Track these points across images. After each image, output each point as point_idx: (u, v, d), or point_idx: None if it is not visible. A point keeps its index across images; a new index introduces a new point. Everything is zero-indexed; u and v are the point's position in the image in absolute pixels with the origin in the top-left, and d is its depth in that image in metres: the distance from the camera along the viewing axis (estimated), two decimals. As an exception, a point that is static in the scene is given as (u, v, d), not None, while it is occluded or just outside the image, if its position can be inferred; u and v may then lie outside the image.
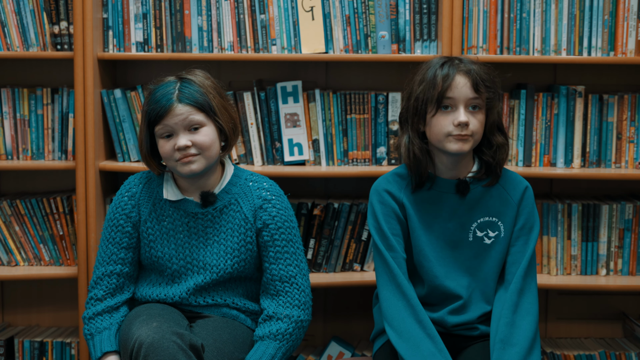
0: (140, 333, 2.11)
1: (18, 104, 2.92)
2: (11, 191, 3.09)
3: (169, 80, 2.31)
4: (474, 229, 2.32)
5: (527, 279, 2.27)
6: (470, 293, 2.31)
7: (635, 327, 2.98)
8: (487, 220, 2.32)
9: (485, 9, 2.82)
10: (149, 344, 2.07)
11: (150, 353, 2.06)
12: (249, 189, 2.38)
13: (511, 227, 2.33)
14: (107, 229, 2.40)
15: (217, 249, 2.35)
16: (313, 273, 2.90)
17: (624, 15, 2.82)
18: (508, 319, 2.21)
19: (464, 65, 2.25)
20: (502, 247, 2.33)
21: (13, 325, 3.14)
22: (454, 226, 2.32)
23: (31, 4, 2.85)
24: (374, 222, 2.32)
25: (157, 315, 2.21)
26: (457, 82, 2.23)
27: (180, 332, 2.11)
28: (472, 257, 2.32)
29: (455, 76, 2.23)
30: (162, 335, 2.08)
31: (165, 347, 2.06)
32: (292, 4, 2.84)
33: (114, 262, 2.37)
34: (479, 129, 2.25)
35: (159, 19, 2.86)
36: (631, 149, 2.89)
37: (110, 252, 2.37)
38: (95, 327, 2.33)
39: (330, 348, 2.97)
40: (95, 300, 2.37)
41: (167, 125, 2.26)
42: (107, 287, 2.37)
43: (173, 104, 2.25)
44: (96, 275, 2.38)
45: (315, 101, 2.88)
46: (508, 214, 2.33)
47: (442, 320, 2.31)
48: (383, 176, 2.38)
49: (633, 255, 2.91)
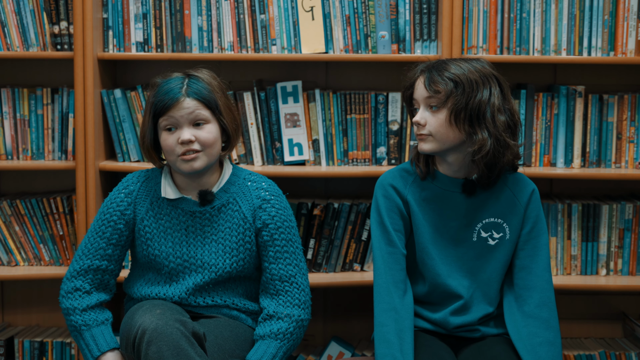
0: (144, 320, 2.12)
1: (18, 104, 2.92)
2: (11, 191, 3.09)
3: (176, 76, 2.32)
4: (478, 229, 2.31)
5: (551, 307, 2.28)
6: (471, 293, 2.31)
7: (635, 327, 2.98)
8: (492, 221, 2.31)
9: (485, 9, 2.82)
10: (153, 330, 2.08)
11: (153, 339, 2.07)
12: (248, 188, 2.38)
13: (517, 229, 2.31)
14: (98, 222, 2.37)
15: (215, 248, 2.35)
16: (313, 273, 2.91)
17: (624, 15, 2.82)
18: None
19: (432, 66, 2.24)
20: (507, 250, 2.31)
21: (13, 325, 3.14)
22: (458, 225, 2.31)
23: (31, 4, 2.85)
24: (376, 216, 2.32)
25: (161, 304, 2.23)
26: (418, 82, 2.26)
27: (183, 320, 2.13)
28: (474, 257, 2.31)
29: (418, 77, 2.26)
30: (165, 322, 2.09)
31: (169, 333, 2.07)
32: (292, 4, 2.84)
33: (100, 257, 2.35)
34: (438, 127, 2.21)
35: (159, 19, 2.86)
36: (631, 149, 2.89)
37: (98, 245, 2.35)
38: (92, 318, 2.31)
39: (330, 348, 2.97)
40: (83, 292, 2.34)
41: (173, 117, 2.26)
42: (93, 281, 2.35)
43: (181, 97, 2.26)
44: (79, 266, 2.34)
45: (315, 101, 2.88)
46: (514, 216, 2.31)
47: (444, 321, 2.31)
48: (389, 170, 2.37)
49: (633, 255, 2.91)
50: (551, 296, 2.28)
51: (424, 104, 2.24)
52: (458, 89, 2.18)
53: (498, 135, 2.19)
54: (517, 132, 2.26)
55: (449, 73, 2.20)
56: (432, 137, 2.23)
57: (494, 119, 2.19)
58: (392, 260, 2.29)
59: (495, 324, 2.34)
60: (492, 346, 2.26)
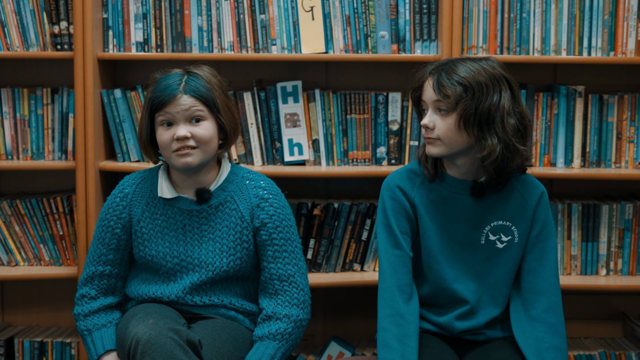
0: (137, 330, 2.12)
1: (18, 104, 2.92)
2: (11, 191, 3.09)
3: (176, 72, 2.32)
4: (486, 232, 2.27)
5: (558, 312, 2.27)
6: (478, 298, 2.28)
7: (635, 327, 2.98)
8: (500, 224, 2.27)
9: (485, 9, 2.82)
10: (146, 341, 2.08)
11: (147, 350, 2.07)
12: (246, 187, 2.37)
13: (526, 232, 2.27)
14: (98, 228, 2.41)
15: (212, 246, 2.34)
16: (313, 273, 2.90)
17: (624, 15, 2.82)
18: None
19: (441, 67, 2.19)
20: (516, 253, 2.28)
21: (13, 325, 3.14)
22: (466, 228, 2.27)
23: (31, 4, 2.85)
24: (382, 218, 2.28)
25: (154, 313, 2.22)
26: (427, 84, 2.21)
27: (177, 328, 2.11)
28: (482, 260, 2.28)
29: (427, 79, 2.21)
30: (158, 332, 2.09)
31: (163, 344, 2.07)
32: (292, 4, 2.84)
33: (103, 262, 2.39)
34: (446, 132, 2.17)
35: (159, 19, 2.86)
36: (631, 149, 2.89)
37: (100, 252, 2.39)
38: (93, 323, 2.35)
39: (330, 348, 2.97)
40: (89, 298, 2.39)
41: (169, 113, 2.26)
42: (99, 287, 2.40)
43: (178, 94, 2.26)
44: (86, 273, 2.41)
45: (315, 101, 2.88)
46: (523, 219, 2.27)
47: (449, 325, 2.29)
48: (396, 171, 2.34)
49: (633, 255, 2.91)
50: (558, 301, 2.26)
51: (432, 107, 2.20)
52: (467, 93, 2.13)
53: (507, 140, 2.15)
54: (527, 136, 2.21)
55: (458, 77, 2.14)
56: (440, 141, 2.19)
57: (503, 123, 2.15)
58: (398, 263, 2.25)
59: (501, 327, 2.32)
60: (497, 349, 2.24)
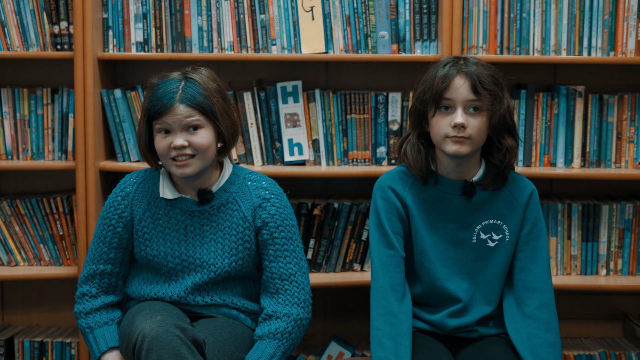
0: (144, 326, 2.12)
1: (18, 104, 2.92)
2: (11, 191, 3.09)
3: (173, 78, 2.29)
4: (477, 231, 2.30)
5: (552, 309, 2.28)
6: (470, 296, 2.30)
7: (635, 327, 2.98)
8: (491, 223, 2.30)
9: (485, 9, 2.82)
10: (153, 337, 2.08)
11: (153, 346, 2.07)
12: (248, 188, 2.37)
13: (517, 231, 2.30)
14: (99, 227, 2.41)
15: (214, 247, 2.35)
16: (313, 273, 2.90)
17: (624, 15, 2.82)
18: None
19: (465, 66, 2.21)
20: (507, 251, 2.30)
21: (13, 325, 3.14)
22: (457, 227, 2.30)
23: (31, 4, 2.85)
24: (375, 219, 2.31)
25: (161, 309, 2.22)
26: (456, 83, 2.20)
27: (184, 327, 2.12)
28: (474, 259, 2.31)
29: (455, 77, 2.20)
30: (165, 329, 2.09)
31: (169, 341, 2.07)
32: (292, 4, 2.84)
33: (104, 261, 2.39)
34: (478, 131, 2.21)
35: (159, 19, 2.86)
36: (631, 149, 2.89)
37: (101, 250, 2.39)
38: (95, 321, 2.35)
39: (330, 348, 2.97)
40: (90, 296, 2.38)
41: (166, 122, 2.25)
42: (100, 285, 2.39)
43: (174, 104, 2.24)
44: (87, 271, 2.40)
45: (315, 101, 2.88)
46: (514, 217, 2.30)
47: (441, 323, 2.31)
48: (388, 172, 2.36)
49: (633, 255, 2.91)
50: (551, 297, 2.28)
51: (463, 106, 2.20)
52: (497, 95, 2.20)
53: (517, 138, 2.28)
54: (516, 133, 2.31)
55: (491, 77, 2.21)
56: (469, 140, 2.21)
57: (513, 122, 2.26)
58: (390, 263, 2.27)
59: (494, 324, 2.34)
60: (490, 346, 2.26)
